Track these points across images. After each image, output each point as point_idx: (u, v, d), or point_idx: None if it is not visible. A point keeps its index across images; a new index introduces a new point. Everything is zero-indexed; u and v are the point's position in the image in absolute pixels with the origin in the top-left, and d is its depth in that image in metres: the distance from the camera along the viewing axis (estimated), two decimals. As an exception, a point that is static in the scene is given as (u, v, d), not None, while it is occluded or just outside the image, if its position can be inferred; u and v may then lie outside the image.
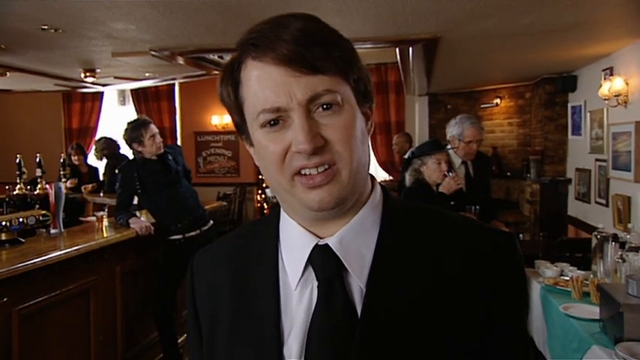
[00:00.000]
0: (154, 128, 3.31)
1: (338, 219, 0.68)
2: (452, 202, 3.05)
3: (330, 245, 0.67)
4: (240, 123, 0.70)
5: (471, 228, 0.72)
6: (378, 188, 0.74)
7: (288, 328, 0.67)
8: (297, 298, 0.68)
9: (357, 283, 0.66)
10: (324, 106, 0.63)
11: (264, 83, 0.63)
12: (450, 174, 3.06)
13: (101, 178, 6.26)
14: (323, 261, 0.67)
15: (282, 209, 0.74)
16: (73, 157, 5.99)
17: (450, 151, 3.45)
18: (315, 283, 0.67)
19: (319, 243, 0.68)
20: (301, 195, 0.64)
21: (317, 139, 0.62)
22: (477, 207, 3.24)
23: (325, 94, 0.62)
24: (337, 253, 0.67)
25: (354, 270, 0.66)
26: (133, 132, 3.27)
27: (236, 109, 0.68)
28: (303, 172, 0.63)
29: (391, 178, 7.24)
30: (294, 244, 0.70)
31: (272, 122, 0.64)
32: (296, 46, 0.61)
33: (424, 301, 0.65)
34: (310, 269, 0.68)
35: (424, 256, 0.67)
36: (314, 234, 0.69)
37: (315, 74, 0.62)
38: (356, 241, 0.68)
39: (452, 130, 3.46)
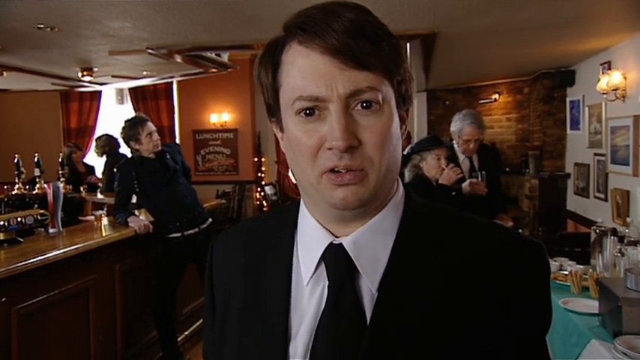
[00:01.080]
0: (150, 126, 3.30)
1: (358, 219, 0.66)
2: (453, 193, 3.05)
3: (344, 245, 0.65)
4: (273, 106, 0.68)
5: (497, 235, 0.68)
6: (401, 189, 0.71)
7: (296, 324, 0.66)
8: (309, 294, 0.67)
9: (369, 287, 0.64)
10: (364, 104, 0.61)
11: (306, 71, 0.61)
12: (446, 167, 3.06)
13: (100, 176, 6.26)
14: (335, 260, 0.65)
15: (302, 201, 0.72)
16: (73, 155, 5.98)
17: (455, 145, 3.45)
18: (327, 282, 0.66)
19: (334, 242, 0.66)
20: (326, 191, 0.63)
21: (352, 138, 0.60)
22: (483, 172, 3.25)
23: (367, 91, 0.60)
24: (350, 254, 0.65)
25: (366, 273, 0.65)
26: (130, 130, 3.27)
27: (272, 91, 0.66)
28: (332, 171, 0.62)
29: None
30: (310, 239, 0.69)
31: (307, 111, 0.62)
32: (346, 37, 0.59)
33: (438, 310, 0.62)
34: (323, 267, 0.66)
35: (442, 263, 0.65)
36: (330, 232, 0.67)
37: (360, 69, 0.60)
38: (371, 243, 0.66)
39: (453, 124, 3.45)
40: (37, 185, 4.29)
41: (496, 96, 7.07)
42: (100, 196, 5.28)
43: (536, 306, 0.65)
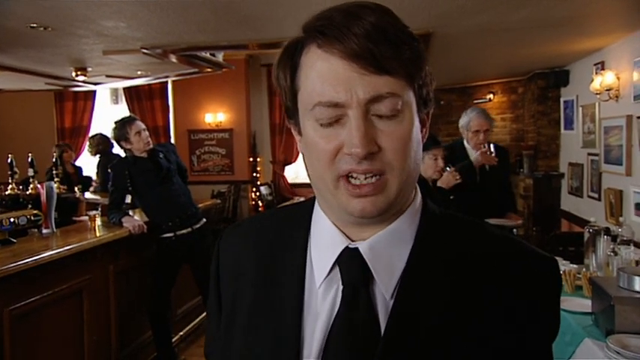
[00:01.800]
0: (139, 125, 3.30)
1: (375, 224, 0.65)
2: (451, 197, 3.03)
3: (360, 250, 0.64)
4: (292, 108, 0.66)
5: (513, 248, 0.68)
6: (419, 195, 0.71)
7: (310, 325, 0.65)
8: (322, 296, 0.66)
9: (383, 294, 0.64)
10: (384, 110, 0.60)
11: (326, 76, 0.60)
12: (449, 169, 3.04)
13: (94, 177, 6.23)
14: (351, 265, 0.64)
15: (316, 201, 0.71)
16: (64, 154, 5.95)
17: (465, 144, 3.45)
18: (341, 286, 0.65)
19: (349, 246, 0.65)
20: (343, 199, 0.62)
21: (371, 145, 0.59)
22: (492, 145, 3.35)
23: (388, 96, 0.59)
24: (366, 260, 0.64)
25: (381, 279, 0.64)
26: (120, 130, 3.27)
27: (290, 94, 0.65)
28: (350, 177, 0.61)
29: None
30: (324, 241, 0.68)
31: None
32: (366, 41, 0.57)
33: (453, 319, 0.62)
34: (337, 270, 0.65)
35: (458, 272, 0.64)
36: (346, 235, 0.66)
37: (381, 74, 0.58)
38: (388, 250, 0.65)
39: (461, 120, 3.47)
40: (31, 185, 4.26)
41: (490, 96, 7.10)
42: (93, 196, 5.26)
43: (548, 317, 0.66)
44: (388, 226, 0.65)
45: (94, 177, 6.25)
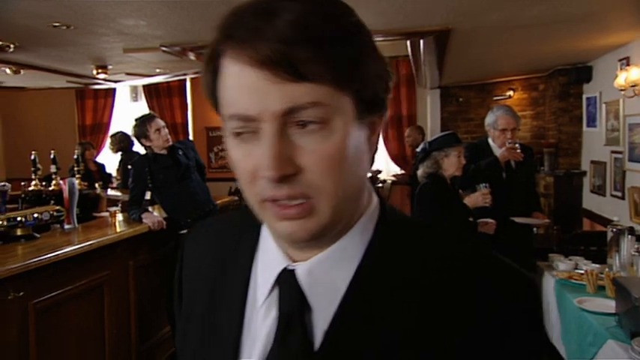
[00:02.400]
0: (159, 122, 3.34)
1: (315, 247, 0.57)
2: (470, 219, 2.89)
3: (297, 274, 0.57)
4: (221, 119, 0.58)
5: (485, 266, 0.58)
6: (373, 206, 0.61)
7: (247, 348, 0.59)
8: (262, 317, 0.59)
9: (321, 324, 0.56)
10: (304, 123, 0.50)
11: (237, 85, 0.51)
12: (484, 188, 2.95)
13: (114, 174, 6.33)
14: (287, 290, 0.57)
15: None
16: (87, 152, 6.05)
17: (490, 142, 3.39)
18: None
19: (288, 267, 0.58)
20: (270, 222, 0.55)
21: (286, 166, 0.50)
22: (517, 142, 3.31)
23: (309, 107, 0.49)
24: (302, 285, 0.56)
25: (319, 307, 0.56)
26: (139, 128, 3.32)
27: (213, 101, 0.56)
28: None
29: (403, 171, 7.22)
30: (267, 257, 0.61)
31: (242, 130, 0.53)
32: (280, 44, 0.48)
33: (396, 352, 0.53)
34: (277, 291, 0.58)
35: (415, 298, 0.55)
36: (288, 254, 0.59)
37: (299, 82, 0.49)
38: (331, 272, 0.57)
39: (487, 119, 3.41)
40: (53, 182, 4.34)
41: (510, 93, 6.98)
42: (114, 192, 5.34)
43: (529, 336, 0.56)
44: (332, 244, 0.57)
45: (114, 174, 6.35)
